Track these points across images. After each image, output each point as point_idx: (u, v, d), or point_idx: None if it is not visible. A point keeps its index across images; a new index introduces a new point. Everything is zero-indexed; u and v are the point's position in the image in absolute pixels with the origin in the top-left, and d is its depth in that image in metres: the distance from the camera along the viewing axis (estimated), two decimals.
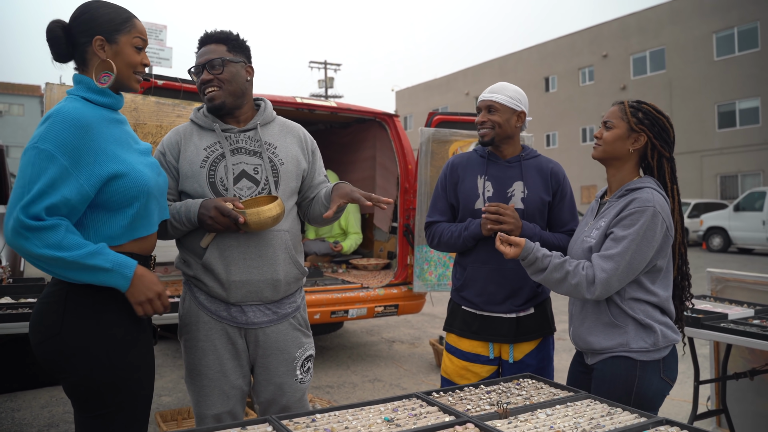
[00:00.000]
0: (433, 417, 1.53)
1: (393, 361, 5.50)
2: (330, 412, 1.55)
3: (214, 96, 2.09)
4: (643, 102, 2.09)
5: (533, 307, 2.40)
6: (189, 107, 3.88)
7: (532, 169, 2.42)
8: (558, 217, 2.44)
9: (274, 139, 2.19)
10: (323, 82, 40.26)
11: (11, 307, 2.79)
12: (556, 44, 33.92)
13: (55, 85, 3.39)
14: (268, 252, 2.09)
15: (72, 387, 1.66)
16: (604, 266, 1.93)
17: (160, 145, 2.17)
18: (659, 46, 28.73)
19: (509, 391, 1.79)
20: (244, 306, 2.10)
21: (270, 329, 2.13)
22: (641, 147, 2.06)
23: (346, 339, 6.38)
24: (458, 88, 39.26)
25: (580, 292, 1.96)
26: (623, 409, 1.61)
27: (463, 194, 2.40)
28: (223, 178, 2.08)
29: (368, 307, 5.02)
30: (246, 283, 2.07)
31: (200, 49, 2.14)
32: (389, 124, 5.60)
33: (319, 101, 5.42)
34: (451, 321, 2.48)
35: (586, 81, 32.41)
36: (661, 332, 1.98)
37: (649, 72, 29.29)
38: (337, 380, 4.85)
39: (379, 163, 6.16)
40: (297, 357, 2.17)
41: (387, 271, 5.80)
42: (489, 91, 2.39)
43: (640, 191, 1.99)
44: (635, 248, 1.91)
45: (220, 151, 2.11)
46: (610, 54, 30.80)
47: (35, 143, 1.57)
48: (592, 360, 2.08)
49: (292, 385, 2.16)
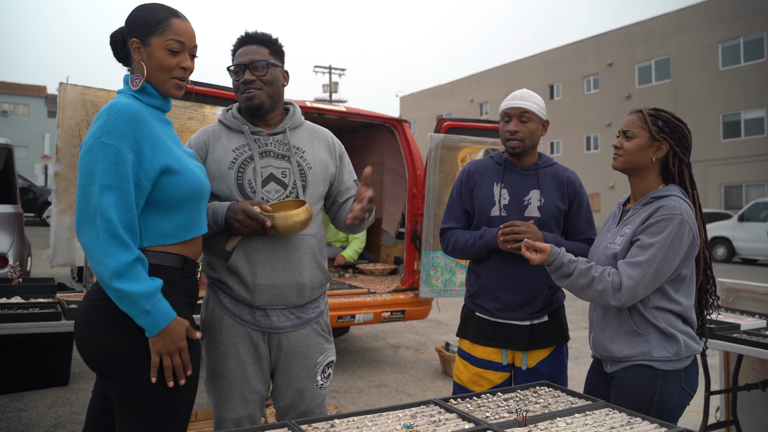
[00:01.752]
0: (452, 424, 1.52)
1: (398, 367, 5.48)
2: (349, 418, 1.54)
3: (254, 96, 2.08)
4: (660, 110, 2.08)
5: (547, 314, 2.39)
6: (200, 109, 3.88)
7: (549, 177, 2.41)
8: (574, 226, 2.43)
9: (302, 144, 2.18)
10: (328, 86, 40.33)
11: (22, 307, 2.78)
12: (561, 52, 33.98)
13: (68, 85, 3.39)
14: (294, 256, 2.08)
15: (122, 386, 1.62)
16: (631, 273, 1.91)
17: (187, 145, 2.14)
18: (664, 55, 28.77)
19: (526, 399, 1.77)
20: (269, 310, 2.08)
21: (293, 334, 2.12)
22: (663, 155, 2.04)
23: (351, 344, 6.36)
24: (462, 95, 39.31)
25: (606, 298, 1.95)
26: (643, 419, 1.60)
27: (479, 201, 2.38)
28: (251, 181, 2.07)
29: (375, 312, 5.00)
30: (271, 286, 2.05)
31: (241, 49, 2.13)
32: (398, 129, 5.59)
33: (329, 105, 5.42)
34: (465, 327, 2.46)
35: (591, 89, 32.46)
36: (684, 342, 1.97)
37: (654, 81, 29.33)
38: (343, 385, 4.84)
39: (388, 168, 6.16)
40: (318, 363, 2.15)
41: (394, 277, 5.79)
42: (520, 99, 2.35)
43: (667, 199, 1.98)
44: (662, 256, 1.90)
45: (248, 153, 2.10)
46: (616, 62, 30.85)
47: (99, 138, 1.57)
48: (612, 368, 2.07)
49: (312, 390, 2.14)
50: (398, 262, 6.01)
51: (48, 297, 3.08)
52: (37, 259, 7.65)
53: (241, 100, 2.12)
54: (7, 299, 2.95)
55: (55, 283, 3.30)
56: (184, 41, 1.74)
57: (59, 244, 3.61)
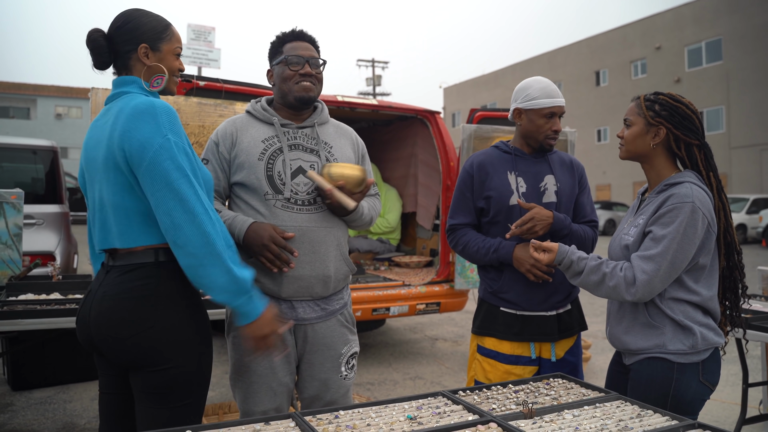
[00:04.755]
0: (456, 416, 1.52)
1: (435, 359, 5.49)
2: (354, 409, 1.55)
3: (310, 88, 2.15)
4: (660, 93, 2.02)
5: (569, 303, 2.38)
6: (230, 107, 3.95)
7: (558, 162, 2.42)
8: (581, 208, 2.44)
9: (330, 139, 2.23)
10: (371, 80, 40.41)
11: (59, 303, 2.89)
12: (607, 37, 33.18)
13: (100, 89, 3.50)
14: (321, 248, 2.10)
15: (160, 379, 1.66)
16: (645, 268, 1.86)
17: (214, 135, 2.19)
18: (716, 36, 27.78)
19: (538, 391, 1.76)
20: (294, 302, 2.12)
21: (318, 325, 2.15)
22: (663, 140, 1.98)
23: (389, 336, 6.39)
24: (506, 84, 38.80)
25: (620, 294, 1.91)
26: (654, 411, 1.57)
27: (496, 191, 2.32)
28: (281, 173, 2.09)
29: (410, 305, 5.02)
30: (298, 278, 2.08)
31: (295, 42, 2.18)
32: (431, 121, 5.58)
33: (360, 99, 5.45)
34: (490, 324, 2.37)
35: (639, 74, 31.62)
36: (701, 334, 1.90)
37: (705, 63, 28.37)
38: (378, 377, 4.87)
39: (421, 160, 6.15)
40: (343, 354, 2.18)
41: (429, 269, 5.79)
42: (559, 96, 2.33)
43: (679, 186, 1.91)
44: (676, 247, 1.84)
45: (278, 145, 2.13)
46: (664, 46, 29.95)
47: (166, 136, 1.63)
48: (629, 360, 2.03)
49: (336, 381, 2.17)
50: (434, 254, 6.01)
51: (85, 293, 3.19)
52: (84, 257, 7.93)
53: (295, 89, 2.13)
54: (46, 295, 3.07)
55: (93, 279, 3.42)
56: (181, 47, 1.87)
57: None
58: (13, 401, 4.06)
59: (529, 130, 2.34)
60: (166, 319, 1.67)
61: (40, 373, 4.33)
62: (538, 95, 2.30)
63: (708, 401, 4.24)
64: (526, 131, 2.35)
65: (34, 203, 5.46)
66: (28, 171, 5.97)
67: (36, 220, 5.35)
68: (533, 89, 2.31)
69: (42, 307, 2.75)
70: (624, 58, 32.10)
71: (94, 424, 3.67)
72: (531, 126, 2.32)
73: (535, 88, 2.32)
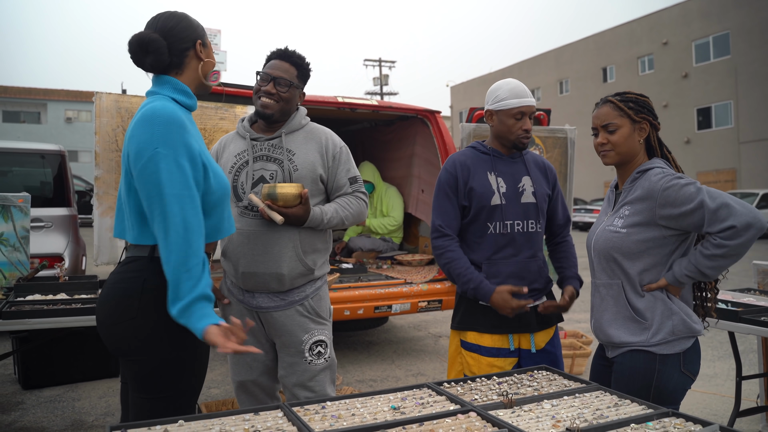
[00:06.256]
0: (439, 406, 1.58)
1: (438, 356, 5.54)
2: (341, 400, 1.62)
3: (268, 105, 2.32)
4: (625, 92, 2.11)
5: (545, 295, 2.47)
6: (231, 110, 4.03)
7: (532, 163, 2.49)
8: (555, 210, 2.53)
9: (295, 146, 2.38)
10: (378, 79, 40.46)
11: (65, 303, 2.97)
12: (614, 33, 33.06)
13: (104, 94, 3.58)
14: (274, 249, 2.30)
15: (142, 369, 1.74)
16: (722, 215, 1.85)
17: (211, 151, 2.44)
18: (723, 30, 27.62)
19: (521, 383, 1.82)
20: (254, 292, 2.37)
21: (277, 313, 2.37)
22: (647, 134, 2.07)
23: (392, 334, 6.46)
24: None
25: (749, 241, 1.86)
26: (632, 401, 1.62)
27: (477, 191, 2.38)
28: (243, 183, 2.34)
29: (411, 303, 5.07)
30: (254, 275, 2.32)
31: (275, 61, 2.36)
32: (431, 121, 5.64)
33: (360, 100, 5.51)
34: (470, 319, 2.42)
35: (646, 70, 31.49)
36: (682, 321, 1.96)
37: (713, 58, 28.21)
38: (381, 374, 4.94)
39: (424, 160, 6.20)
40: (304, 340, 2.37)
41: (431, 267, 5.84)
42: (527, 96, 2.38)
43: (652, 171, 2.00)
44: (705, 191, 1.88)
45: (245, 158, 2.37)
46: (671, 41, 29.82)
47: (156, 149, 1.66)
48: (612, 353, 2.09)
49: (301, 365, 2.38)
50: None
51: (90, 293, 3.28)
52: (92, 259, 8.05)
53: (257, 104, 2.35)
54: (53, 296, 3.15)
55: (98, 280, 3.51)
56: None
57: (102, 244, 3.82)
58: (24, 399, 4.16)
59: (500, 130, 2.41)
60: (148, 313, 1.74)
61: (49, 372, 4.43)
62: (507, 96, 2.37)
63: (705, 395, 4.29)
64: (498, 132, 2.42)
65: (43, 206, 5.58)
66: (36, 175, 6.10)
67: (45, 223, 5.46)
68: (502, 90, 2.39)
69: (48, 307, 2.84)
70: (631, 54, 31.98)
71: (102, 422, 3.76)
72: (502, 126, 2.39)
73: (504, 89, 2.39)
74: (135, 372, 1.76)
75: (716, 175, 28.06)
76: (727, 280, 9.04)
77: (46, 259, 4.54)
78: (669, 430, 1.41)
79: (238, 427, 1.42)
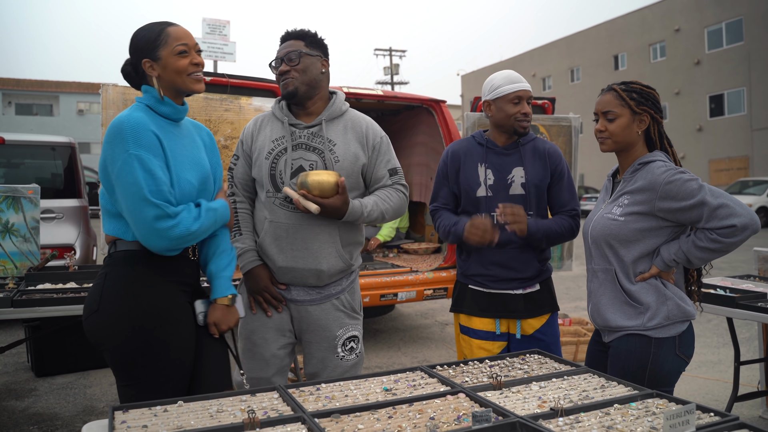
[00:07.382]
0: (430, 388, 1.63)
1: (444, 344, 5.60)
2: (335, 383, 1.68)
3: (288, 83, 2.24)
4: (630, 82, 2.12)
5: (539, 283, 2.49)
6: (236, 101, 4.08)
7: (529, 152, 2.49)
8: (557, 197, 2.51)
9: (335, 136, 2.27)
10: (389, 69, 40.39)
11: (74, 291, 3.05)
12: (625, 20, 32.77)
13: (110, 86, 3.65)
14: (313, 245, 2.22)
15: (113, 357, 1.85)
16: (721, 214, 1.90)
17: (241, 133, 2.40)
18: (736, 16, 27.30)
19: (512, 366, 1.86)
20: (290, 285, 2.29)
21: (312, 307, 2.29)
22: (646, 126, 2.09)
23: (399, 322, 6.52)
24: (524, 70, 38.48)
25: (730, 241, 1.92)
26: (618, 383, 1.67)
27: (465, 182, 2.46)
28: (282, 172, 2.23)
29: (417, 291, 5.13)
30: (292, 270, 2.25)
31: (281, 44, 2.32)
32: (436, 110, 5.67)
33: (365, 90, 5.54)
34: (460, 302, 2.55)
35: (658, 57, 31.21)
36: (676, 305, 2.01)
37: (726, 45, 27.91)
38: (387, 361, 5.00)
39: (431, 148, 6.24)
40: (338, 336, 2.29)
41: (437, 255, 5.89)
42: (522, 81, 2.44)
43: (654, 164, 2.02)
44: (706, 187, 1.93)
45: (284, 145, 2.26)
46: (683, 28, 29.51)
47: (127, 149, 1.76)
48: (608, 338, 2.12)
49: (333, 360, 2.29)
50: (442, 241, 6.10)
51: None
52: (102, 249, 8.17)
53: (281, 90, 2.28)
54: (63, 285, 3.23)
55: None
56: (187, 42, 1.92)
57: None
58: (37, 386, 4.26)
59: (499, 118, 2.44)
60: (110, 304, 1.84)
61: (61, 360, 4.53)
62: (502, 83, 2.42)
63: (707, 380, 4.31)
64: (497, 120, 2.46)
65: (54, 198, 5.67)
66: (47, 167, 6.19)
67: (56, 214, 5.55)
68: (497, 79, 2.45)
69: (58, 296, 2.92)
70: (643, 41, 31.70)
71: None
72: (501, 114, 2.43)
73: (499, 78, 2.45)
74: (110, 361, 1.87)
75: (729, 163, 27.84)
76: (730, 268, 9.01)
77: (58, 249, 4.64)
78: (651, 410, 1.45)
79: (235, 408, 1.48)
